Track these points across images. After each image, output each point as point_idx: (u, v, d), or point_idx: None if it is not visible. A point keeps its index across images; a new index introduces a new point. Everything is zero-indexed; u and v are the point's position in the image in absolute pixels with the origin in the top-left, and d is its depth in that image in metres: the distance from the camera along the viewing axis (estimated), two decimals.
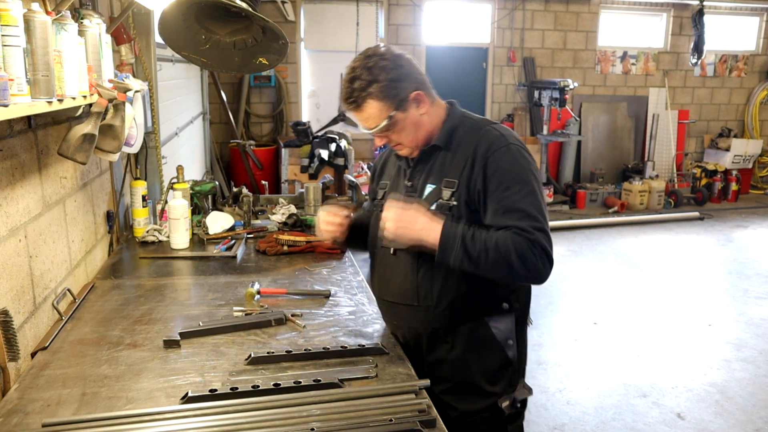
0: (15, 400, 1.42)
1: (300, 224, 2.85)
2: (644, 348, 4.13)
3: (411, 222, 1.52)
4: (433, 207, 1.60)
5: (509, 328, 1.67)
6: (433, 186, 1.63)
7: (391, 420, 1.32)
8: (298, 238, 2.59)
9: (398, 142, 1.65)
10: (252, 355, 1.60)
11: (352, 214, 1.83)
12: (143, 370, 1.57)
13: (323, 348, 1.65)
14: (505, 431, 1.72)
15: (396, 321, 1.77)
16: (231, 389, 1.42)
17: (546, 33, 8.59)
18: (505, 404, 1.68)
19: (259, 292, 2.06)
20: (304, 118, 8.02)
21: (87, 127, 1.80)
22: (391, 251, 1.69)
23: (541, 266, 1.49)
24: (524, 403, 1.75)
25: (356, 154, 7.60)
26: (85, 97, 1.77)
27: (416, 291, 1.66)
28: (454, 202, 1.58)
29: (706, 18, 8.68)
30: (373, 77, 1.54)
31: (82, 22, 1.87)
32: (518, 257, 1.47)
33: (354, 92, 1.56)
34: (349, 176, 3.82)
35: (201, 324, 1.81)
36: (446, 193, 1.60)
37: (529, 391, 1.75)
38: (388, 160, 1.87)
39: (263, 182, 3.57)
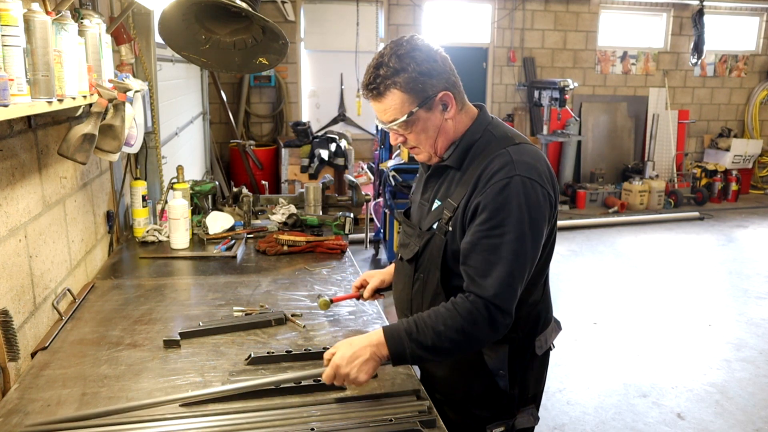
0: (15, 400, 1.42)
1: (300, 224, 2.85)
2: (644, 348, 4.13)
3: (359, 356, 1.37)
4: (435, 226, 1.51)
5: (501, 358, 1.55)
6: (439, 203, 1.53)
7: (391, 420, 1.32)
8: (298, 238, 2.59)
9: (415, 144, 1.51)
10: (252, 355, 1.60)
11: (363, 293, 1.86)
12: (143, 370, 1.57)
13: (323, 348, 1.65)
14: None
15: None
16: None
17: (546, 33, 8.59)
18: (496, 430, 1.59)
19: (332, 301, 1.92)
20: (304, 118, 8.02)
21: (87, 127, 1.80)
22: (398, 257, 1.66)
23: (495, 326, 1.38)
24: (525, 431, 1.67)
25: (356, 154, 7.60)
26: (85, 97, 1.77)
27: (410, 303, 1.62)
28: (450, 228, 1.48)
29: (706, 18, 8.68)
30: (402, 66, 1.40)
31: (82, 22, 1.87)
32: (471, 326, 1.36)
33: (377, 78, 1.42)
34: (349, 176, 3.82)
35: (201, 324, 1.81)
36: (446, 216, 1.49)
37: (535, 419, 1.66)
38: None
39: (263, 182, 3.57)
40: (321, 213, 3.01)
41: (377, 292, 1.86)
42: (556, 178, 1.52)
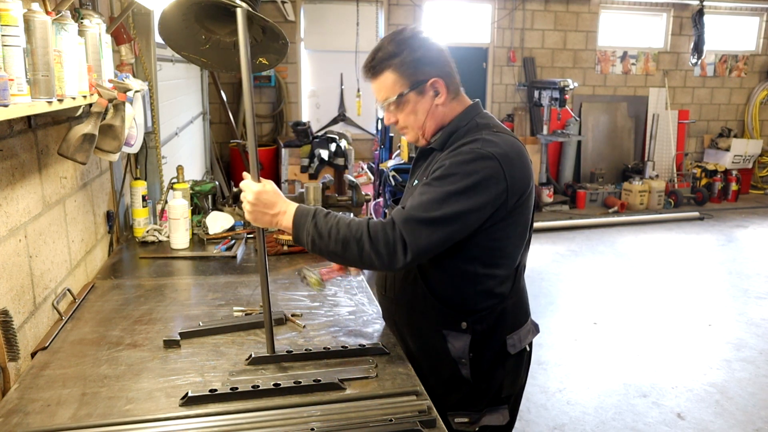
0: (15, 400, 1.42)
1: None
2: (644, 348, 4.13)
3: (269, 206, 1.51)
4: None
5: (463, 348, 1.62)
6: (418, 182, 1.63)
7: (391, 420, 1.32)
8: None
9: (405, 125, 1.61)
10: (252, 355, 1.60)
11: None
12: (143, 370, 1.57)
13: (323, 348, 1.65)
14: None
15: (381, 306, 1.87)
16: (231, 389, 1.42)
17: (546, 33, 8.59)
18: (458, 420, 1.63)
19: (322, 278, 1.92)
20: (304, 118, 8.02)
21: (87, 127, 1.80)
22: None
23: (392, 250, 1.42)
24: (490, 429, 1.67)
25: (356, 154, 7.60)
26: (85, 97, 1.77)
27: (385, 281, 1.76)
28: None
29: (706, 18, 8.68)
30: (398, 50, 1.52)
31: (82, 22, 1.87)
32: (370, 237, 1.42)
33: (375, 59, 1.55)
34: (349, 176, 3.82)
35: (201, 324, 1.80)
36: None
37: (504, 419, 1.68)
38: None
39: None
40: None
41: None
42: (531, 173, 1.57)
